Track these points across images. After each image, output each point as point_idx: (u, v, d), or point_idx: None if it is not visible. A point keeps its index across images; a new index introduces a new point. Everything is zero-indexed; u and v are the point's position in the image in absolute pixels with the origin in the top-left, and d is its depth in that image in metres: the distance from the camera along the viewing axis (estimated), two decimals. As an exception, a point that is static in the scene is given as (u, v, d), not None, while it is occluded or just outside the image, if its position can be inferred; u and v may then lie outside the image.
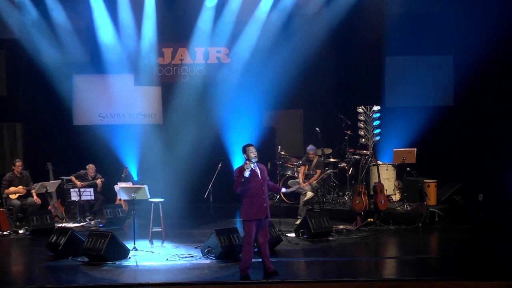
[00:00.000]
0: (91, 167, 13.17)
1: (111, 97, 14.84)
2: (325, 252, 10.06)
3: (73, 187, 12.77)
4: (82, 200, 12.53)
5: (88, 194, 12.44)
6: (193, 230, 11.78)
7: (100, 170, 13.34)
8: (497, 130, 14.01)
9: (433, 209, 12.28)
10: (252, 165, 8.17)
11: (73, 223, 12.37)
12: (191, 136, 14.57)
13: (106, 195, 13.23)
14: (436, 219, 12.24)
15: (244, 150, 8.30)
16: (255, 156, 8.25)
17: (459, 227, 11.93)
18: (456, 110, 14.47)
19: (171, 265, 9.15)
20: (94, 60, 14.68)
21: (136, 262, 9.39)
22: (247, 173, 8.12)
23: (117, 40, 14.58)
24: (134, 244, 9.97)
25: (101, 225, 12.23)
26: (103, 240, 9.33)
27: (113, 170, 13.71)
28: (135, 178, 14.30)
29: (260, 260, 8.51)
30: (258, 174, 8.29)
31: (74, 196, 12.49)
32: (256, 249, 8.74)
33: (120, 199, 12.77)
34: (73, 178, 13.05)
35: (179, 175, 14.21)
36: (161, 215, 10.67)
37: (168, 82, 15.09)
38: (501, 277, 8.25)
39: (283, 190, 8.66)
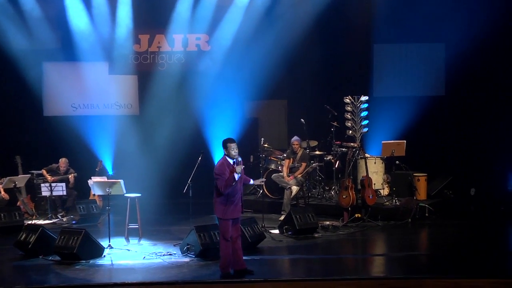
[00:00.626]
0: (63, 161, 13.07)
1: (84, 86, 14.75)
2: (311, 250, 10.09)
3: (44, 182, 12.67)
4: (54, 196, 12.44)
5: (60, 189, 12.36)
6: (172, 226, 11.76)
7: (72, 164, 13.25)
8: (491, 121, 14.13)
9: (423, 204, 12.38)
10: (241, 167, 8.18)
11: (44, 220, 12.29)
12: (169, 127, 14.53)
13: (79, 190, 13.16)
14: (426, 215, 12.33)
15: (225, 145, 8.28)
16: (236, 154, 8.24)
17: (450, 222, 12.04)
18: (448, 101, 14.57)
19: (148, 264, 9.13)
20: (65, 47, 14.54)
21: (111, 260, 9.35)
22: (237, 176, 8.12)
23: (90, 26, 14.46)
24: (109, 241, 9.93)
25: (73, 222, 12.16)
26: (76, 238, 9.28)
27: (86, 164, 13.64)
28: (110, 172, 14.24)
29: (245, 258, 8.52)
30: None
31: (44, 192, 12.39)
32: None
33: (94, 194, 12.70)
34: (44, 172, 12.96)
35: (157, 168, 14.18)
36: (137, 211, 10.64)
37: (144, 70, 15.01)
38: (493, 274, 8.34)
39: (251, 182, 8.64)
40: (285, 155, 13.07)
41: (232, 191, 8.20)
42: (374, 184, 12.55)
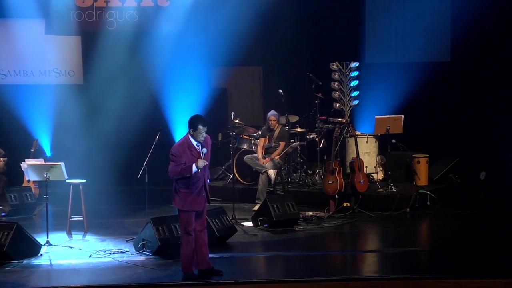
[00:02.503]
0: (-11, 141, 12.96)
1: (15, 49, 14.60)
2: (290, 245, 10.13)
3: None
4: (-22, 183, 12.34)
5: (-14, 175, 12.26)
6: (124, 219, 11.75)
7: (1, 144, 13.12)
8: (504, 92, 14.24)
9: (424, 191, 12.49)
10: (205, 163, 8.12)
11: (-32, 211, 12.20)
12: (121, 100, 14.46)
13: (10, 175, 13.05)
14: (428, 203, 12.45)
15: (194, 125, 8.12)
16: (203, 139, 8.19)
17: (455, 212, 12.16)
18: (454, 68, 14.65)
19: (96, 264, 9.10)
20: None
21: (50, 260, 9.30)
22: (195, 169, 8.07)
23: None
24: (47, 237, 9.87)
25: (3, 214, 12.07)
26: (6, 233, 9.19)
27: (18, 144, 13.53)
28: (48, 154, 14.12)
29: (212, 256, 8.53)
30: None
31: (-32, 178, 12.29)
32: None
33: (28, 181, 12.60)
34: (-35, 154, 12.81)
35: (105, 149, 14.12)
36: (82, 200, 10.61)
37: (89, 30, 14.89)
38: (502, 274, 8.44)
39: (208, 182, 8.58)
40: (259, 132, 13.06)
41: (191, 179, 8.16)
42: (366, 167, 12.61)
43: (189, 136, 8.21)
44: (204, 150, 8.20)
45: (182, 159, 8.09)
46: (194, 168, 8.09)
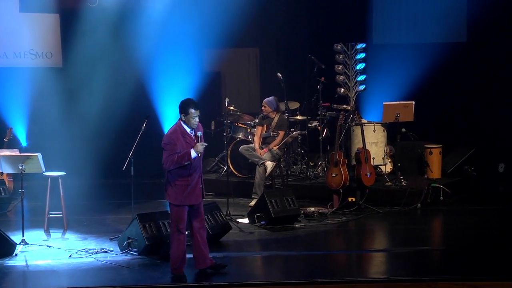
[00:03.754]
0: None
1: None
2: (290, 244, 10.15)
3: None
4: None
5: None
6: (107, 215, 11.77)
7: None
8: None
9: (437, 185, 12.51)
10: (204, 146, 8.11)
11: None
12: (104, 84, 14.48)
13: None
14: (441, 198, 12.48)
15: (185, 109, 8.16)
16: (196, 124, 8.19)
17: (471, 208, 12.19)
18: (470, 49, 14.64)
19: (76, 265, 9.10)
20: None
21: (26, 261, 9.30)
22: (194, 155, 8.08)
23: None
24: (23, 236, 9.87)
25: (-25, 210, 12.08)
26: (-22, 231, 9.22)
27: (-9, 133, 13.52)
28: (24, 144, 14.13)
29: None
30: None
31: None
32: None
33: (1, 173, 12.59)
34: None
35: (87, 139, 14.14)
36: (61, 195, 10.60)
37: (69, 7, 14.85)
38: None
39: (199, 133, 8.48)
40: (256, 120, 13.06)
41: (186, 170, 8.17)
42: (373, 158, 12.62)
43: (181, 122, 8.22)
44: (199, 133, 8.21)
45: (176, 147, 8.10)
46: (193, 154, 8.09)
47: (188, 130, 8.21)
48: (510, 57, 14.30)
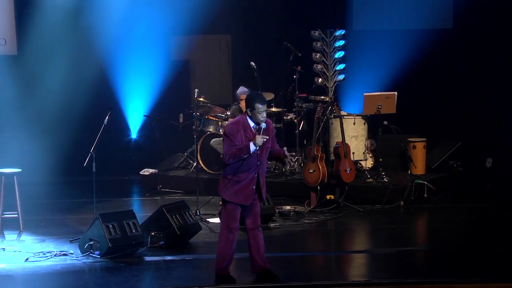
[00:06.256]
0: None
1: None
2: (264, 245, 10.13)
3: None
4: None
5: None
6: (67, 215, 11.72)
7: None
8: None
9: (421, 181, 12.56)
10: (263, 139, 8.06)
11: None
12: (63, 74, 14.42)
13: None
14: (425, 195, 12.52)
15: (251, 104, 8.10)
16: (264, 119, 8.13)
17: (457, 206, 12.28)
18: (456, 36, 14.72)
19: (33, 269, 9.05)
20: None
21: (-21, 264, 9.27)
22: (253, 149, 8.02)
23: None
24: (-25, 237, 9.84)
25: None
26: None
27: None
28: (-25, 138, 14.04)
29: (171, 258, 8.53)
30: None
31: None
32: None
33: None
34: None
35: (45, 133, 14.07)
36: (17, 193, 10.54)
37: (25, -10, 14.76)
38: (510, 278, 8.53)
39: (263, 125, 8.41)
40: (228, 113, 13.05)
41: (240, 166, 8.15)
42: (353, 153, 12.65)
43: (246, 116, 8.17)
44: (263, 125, 8.12)
45: (235, 139, 8.09)
46: (252, 147, 8.04)
47: (252, 124, 8.18)
48: (498, 44, 14.39)
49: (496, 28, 14.39)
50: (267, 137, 8.13)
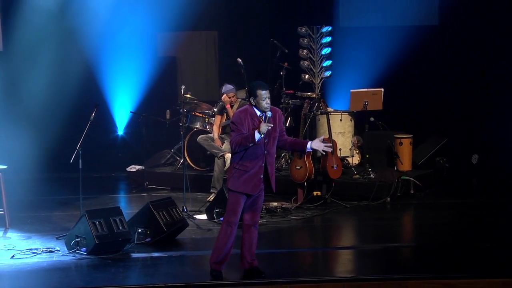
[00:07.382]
0: None
1: None
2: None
3: None
4: None
5: None
6: (53, 212, 11.69)
7: None
8: (502, 63, 14.36)
9: (407, 177, 12.60)
10: (269, 127, 8.02)
11: None
12: (49, 69, 14.36)
13: None
14: (412, 191, 12.58)
15: (253, 92, 8.08)
16: (268, 106, 8.10)
17: (443, 202, 12.32)
18: (443, 32, 14.75)
19: (19, 266, 9.02)
20: None
21: (-36, 262, 9.24)
22: (258, 137, 7.94)
23: None
24: (-39, 235, 9.83)
25: None
26: None
27: None
28: (-41, 135, 13.98)
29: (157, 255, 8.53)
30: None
31: None
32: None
33: None
34: None
35: (30, 129, 13.97)
36: (2, 190, 10.53)
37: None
38: (498, 273, 8.56)
39: (309, 147, 8.37)
40: (215, 109, 13.04)
41: (247, 155, 8.11)
42: (340, 149, 12.69)
43: (252, 106, 8.15)
44: (269, 113, 8.09)
45: (243, 127, 8.05)
46: (257, 135, 7.98)
47: (258, 113, 8.15)
48: (484, 41, 14.43)
49: (482, 25, 14.42)
50: (272, 125, 8.06)
